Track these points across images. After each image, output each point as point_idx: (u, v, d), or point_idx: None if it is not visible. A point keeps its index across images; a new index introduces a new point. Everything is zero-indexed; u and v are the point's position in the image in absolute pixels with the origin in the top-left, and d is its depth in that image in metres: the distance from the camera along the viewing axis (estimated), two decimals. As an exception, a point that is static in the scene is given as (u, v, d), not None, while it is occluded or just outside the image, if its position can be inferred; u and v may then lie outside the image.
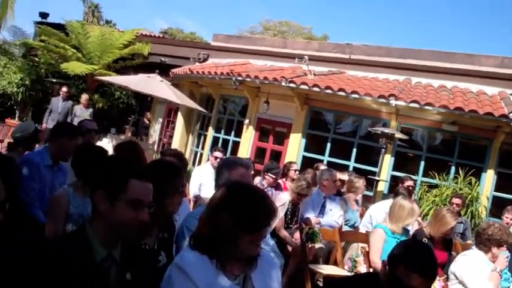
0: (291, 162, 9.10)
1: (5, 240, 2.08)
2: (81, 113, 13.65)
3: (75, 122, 10.41)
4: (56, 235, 3.34)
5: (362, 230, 7.19)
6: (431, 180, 10.18)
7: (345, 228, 7.32)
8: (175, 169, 3.16)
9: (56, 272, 2.00)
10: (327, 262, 6.62)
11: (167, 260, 3.02)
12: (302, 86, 10.63)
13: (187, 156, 14.87)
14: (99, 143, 8.72)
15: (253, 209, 2.24)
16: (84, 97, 14.41)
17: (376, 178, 9.73)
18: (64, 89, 14.52)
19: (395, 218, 5.33)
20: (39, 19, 21.00)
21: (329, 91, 10.39)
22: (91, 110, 14.40)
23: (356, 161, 11.09)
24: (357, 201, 7.89)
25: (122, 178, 2.19)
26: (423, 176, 10.47)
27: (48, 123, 13.68)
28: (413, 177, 9.76)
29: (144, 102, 18.46)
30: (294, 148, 11.58)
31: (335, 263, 6.34)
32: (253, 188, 2.56)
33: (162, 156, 4.31)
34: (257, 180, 8.16)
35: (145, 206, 2.20)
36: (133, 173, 2.23)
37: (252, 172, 8.54)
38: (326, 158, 11.31)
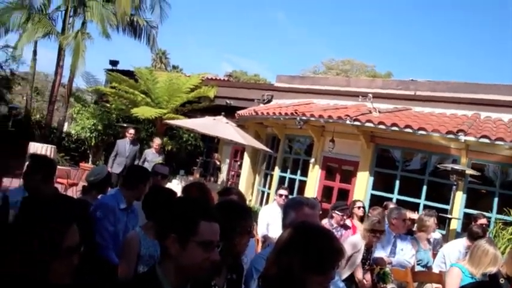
0: (355, 201, 9.00)
1: (79, 284, 2.17)
2: (153, 157, 12.56)
3: (147, 167, 9.76)
4: (128, 276, 3.42)
5: (435, 269, 6.97)
6: (506, 217, 9.77)
7: (418, 268, 7.11)
8: (243, 210, 3.20)
9: None
10: (399, 304, 6.44)
11: (237, 302, 3.05)
12: (367, 124, 10.57)
13: (254, 196, 14.97)
14: (168, 185, 8.88)
15: (321, 251, 2.22)
16: (157, 142, 13.26)
17: (449, 216, 9.45)
18: (131, 130, 13.27)
19: (476, 262, 5.08)
20: (110, 67, 21.93)
21: (395, 128, 10.27)
22: (163, 155, 13.28)
23: (426, 199, 10.81)
24: (429, 240, 7.66)
25: (191, 220, 2.21)
26: (497, 212, 10.07)
27: (114, 167, 12.56)
28: (487, 214, 9.41)
29: (211, 143, 18.81)
30: (362, 186, 11.45)
31: (408, 304, 6.17)
32: (320, 228, 2.53)
33: (221, 196, 4.36)
34: (325, 221, 8.08)
35: (215, 247, 2.22)
36: (202, 214, 2.24)
37: (320, 212, 8.53)
38: (395, 196, 11.11)
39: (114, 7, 20.22)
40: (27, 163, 5.47)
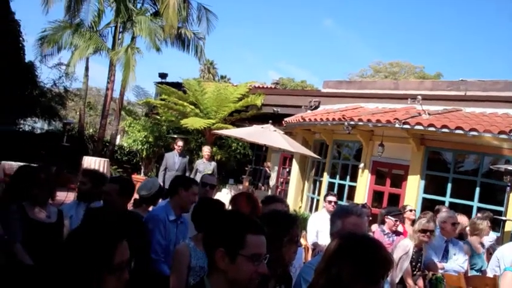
0: (405, 206, 8.88)
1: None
2: (205, 167, 12.30)
3: (198, 178, 9.45)
4: (180, 287, 3.47)
5: (490, 274, 6.79)
6: None
7: (471, 272, 6.94)
8: (290, 219, 3.22)
9: None
10: (453, 309, 6.30)
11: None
12: (417, 127, 10.42)
13: (303, 202, 14.95)
14: (218, 194, 8.95)
15: (370, 261, 2.20)
16: (207, 149, 12.88)
17: (503, 218, 9.21)
18: (179, 143, 12.69)
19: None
20: (159, 79, 22.37)
21: (446, 130, 10.09)
22: (214, 163, 12.90)
23: (480, 201, 10.55)
24: (482, 244, 7.47)
25: (239, 234, 2.26)
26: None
27: (166, 182, 11.58)
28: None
29: (260, 151, 18.91)
30: (413, 190, 11.28)
31: (462, 310, 6.03)
32: (368, 238, 2.50)
33: (265, 205, 4.38)
34: (375, 227, 7.99)
35: (262, 259, 2.25)
36: (249, 227, 2.29)
37: (370, 218, 8.44)
38: (447, 199, 10.90)
39: (162, 21, 20.61)
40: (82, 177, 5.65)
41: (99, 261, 1.94)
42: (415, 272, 6.35)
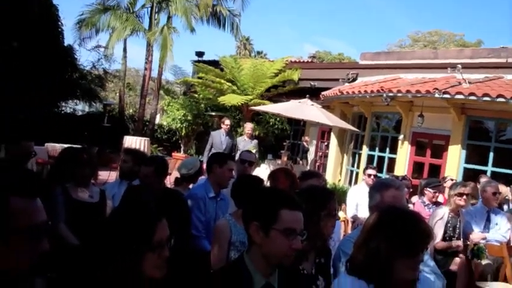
0: (445, 177, 8.79)
1: (170, 275, 2.29)
2: (245, 144, 11.36)
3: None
4: (221, 263, 3.54)
5: (534, 243, 6.69)
6: None
7: (515, 242, 6.85)
8: (327, 193, 3.24)
9: None
10: (495, 279, 6.24)
11: (325, 285, 3.09)
12: (457, 96, 10.24)
13: (342, 176, 14.91)
14: (256, 170, 8.95)
15: (409, 234, 2.21)
16: (249, 127, 12.14)
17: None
18: (227, 121, 11.68)
19: None
20: (196, 58, 22.46)
21: (487, 98, 9.87)
22: (255, 141, 12.01)
23: (523, 170, 10.34)
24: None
25: (273, 209, 2.28)
26: None
27: None
28: None
29: (298, 126, 18.88)
30: (454, 160, 11.12)
31: (504, 280, 5.96)
32: (407, 211, 2.50)
33: (302, 181, 4.41)
34: (415, 198, 7.94)
35: (297, 234, 2.26)
36: (284, 203, 2.30)
37: (411, 189, 8.38)
38: (489, 168, 10.72)
39: (197, -1, 20.65)
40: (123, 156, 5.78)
41: (139, 238, 1.99)
42: (453, 238, 6.31)
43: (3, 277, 1.65)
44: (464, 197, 6.13)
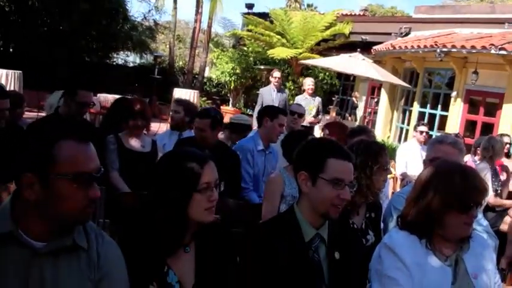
0: (502, 135, 8.50)
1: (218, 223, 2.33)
2: (307, 103, 9.80)
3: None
4: (272, 215, 3.59)
5: None
6: None
7: None
8: (379, 147, 3.23)
9: (269, 250, 2.22)
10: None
11: (375, 240, 3.11)
12: (515, 52, 9.86)
13: (392, 133, 14.74)
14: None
15: (463, 188, 2.17)
16: (310, 82, 10.55)
17: None
18: (276, 73, 10.27)
19: None
20: (246, 10, 22.27)
21: (546, 54, 9.48)
22: (319, 99, 10.52)
23: None
24: None
25: (320, 158, 2.28)
26: None
27: None
28: None
29: (347, 81, 18.64)
30: (508, 119, 10.77)
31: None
32: (462, 166, 2.46)
33: (352, 137, 4.37)
34: (467, 158, 7.79)
35: (346, 185, 2.25)
36: (332, 152, 2.29)
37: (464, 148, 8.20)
38: (545, 127, 10.37)
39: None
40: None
41: (186, 180, 2.03)
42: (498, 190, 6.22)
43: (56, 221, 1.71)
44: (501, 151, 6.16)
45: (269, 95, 9.91)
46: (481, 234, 2.86)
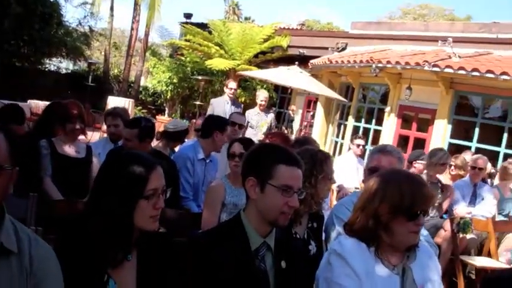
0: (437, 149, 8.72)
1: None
2: (259, 119, 9.01)
3: (250, 133, 8.17)
4: (212, 224, 3.51)
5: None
6: None
7: (499, 218, 6.91)
8: (325, 155, 3.22)
9: (213, 260, 2.13)
10: (479, 254, 6.32)
11: (317, 250, 3.10)
12: (447, 70, 10.17)
13: (327, 146, 14.93)
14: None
15: (411, 195, 2.16)
16: (263, 96, 9.32)
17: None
18: (232, 84, 9.15)
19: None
20: (184, 20, 22.15)
21: (476, 73, 9.81)
22: (272, 115, 9.54)
23: (507, 147, 10.35)
24: (511, 189, 7.39)
25: (270, 164, 2.21)
26: None
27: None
28: None
29: (284, 94, 18.81)
30: (439, 135, 11.13)
31: (488, 255, 6.03)
32: (409, 173, 2.49)
33: (295, 147, 4.35)
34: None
35: (294, 192, 2.20)
36: (281, 158, 2.23)
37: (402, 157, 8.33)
38: (474, 144, 10.74)
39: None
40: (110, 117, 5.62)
41: (132, 186, 1.95)
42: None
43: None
44: (442, 167, 6.30)
45: (221, 107, 8.65)
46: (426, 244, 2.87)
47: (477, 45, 11.92)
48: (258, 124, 8.81)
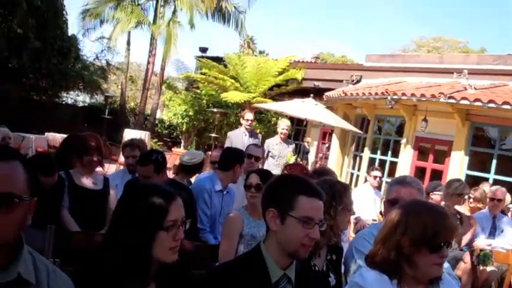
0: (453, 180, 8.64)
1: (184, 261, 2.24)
2: (281, 150, 8.73)
3: (270, 164, 8.13)
4: (230, 255, 3.49)
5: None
6: None
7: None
8: (344, 187, 3.19)
9: None
10: (500, 286, 6.21)
11: (336, 283, 3.04)
12: (462, 101, 10.15)
13: (343, 178, 14.85)
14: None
15: (434, 227, 2.13)
16: (285, 125, 8.93)
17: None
18: (248, 115, 8.97)
19: None
20: (200, 53, 22.39)
21: (492, 105, 9.79)
22: (293, 145, 9.32)
23: (525, 178, 10.28)
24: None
25: (290, 195, 2.21)
26: None
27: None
28: None
29: (299, 126, 18.81)
30: (456, 167, 11.04)
31: (509, 287, 5.93)
32: (431, 205, 2.45)
33: (313, 178, 4.34)
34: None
35: (316, 224, 2.19)
36: (302, 189, 2.23)
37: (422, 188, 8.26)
38: (492, 176, 10.64)
39: (203, -6, 20.61)
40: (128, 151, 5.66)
41: (151, 217, 1.94)
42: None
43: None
44: (460, 197, 6.22)
45: (239, 139, 8.39)
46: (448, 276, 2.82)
47: (492, 77, 11.91)
48: (280, 154, 8.54)
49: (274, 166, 7.52)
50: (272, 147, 8.66)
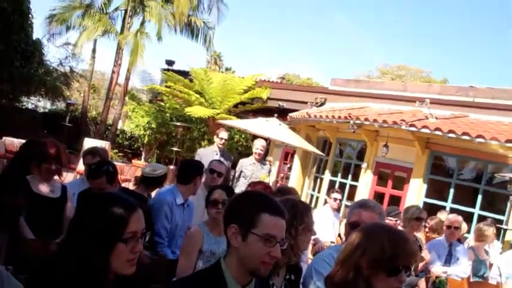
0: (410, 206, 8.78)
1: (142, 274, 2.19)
2: (254, 170, 8.40)
3: (242, 185, 7.92)
4: (188, 271, 3.43)
5: (492, 281, 6.76)
6: None
7: (474, 279, 6.91)
8: (306, 206, 3.18)
9: None
10: (453, 314, 6.27)
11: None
12: (423, 130, 10.34)
13: (303, 199, 14.89)
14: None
15: (393, 249, 2.13)
16: (260, 145, 8.61)
17: (504, 227, 9.18)
18: (223, 134, 8.61)
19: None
20: (166, 66, 22.31)
21: (452, 135, 10.01)
22: (269, 166, 9.03)
23: (481, 209, 10.47)
24: (486, 251, 7.43)
25: (253, 212, 2.18)
26: (558, 225, 9.70)
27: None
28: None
29: (262, 145, 18.85)
30: (415, 193, 11.21)
31: (462, 315, 6.00)
32: (391, 228, 2.45)
33: (276, 196, 4.34)
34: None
35: (277, 242, 2.16)
36: (265, 207, 2.20)
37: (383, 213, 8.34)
38: (449, 204, 10.82)
39: (173, 7, 20.60)
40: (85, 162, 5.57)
41: (110, 228, 1.89)
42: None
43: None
44: (418, 222, 6.34)
45: (209, 158, 7.08)
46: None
47: (454, 107, 12.19)
48: (252, 175, 8.22)
49: (245, 187, 7.10)
50: (246, 168, 8.41)
